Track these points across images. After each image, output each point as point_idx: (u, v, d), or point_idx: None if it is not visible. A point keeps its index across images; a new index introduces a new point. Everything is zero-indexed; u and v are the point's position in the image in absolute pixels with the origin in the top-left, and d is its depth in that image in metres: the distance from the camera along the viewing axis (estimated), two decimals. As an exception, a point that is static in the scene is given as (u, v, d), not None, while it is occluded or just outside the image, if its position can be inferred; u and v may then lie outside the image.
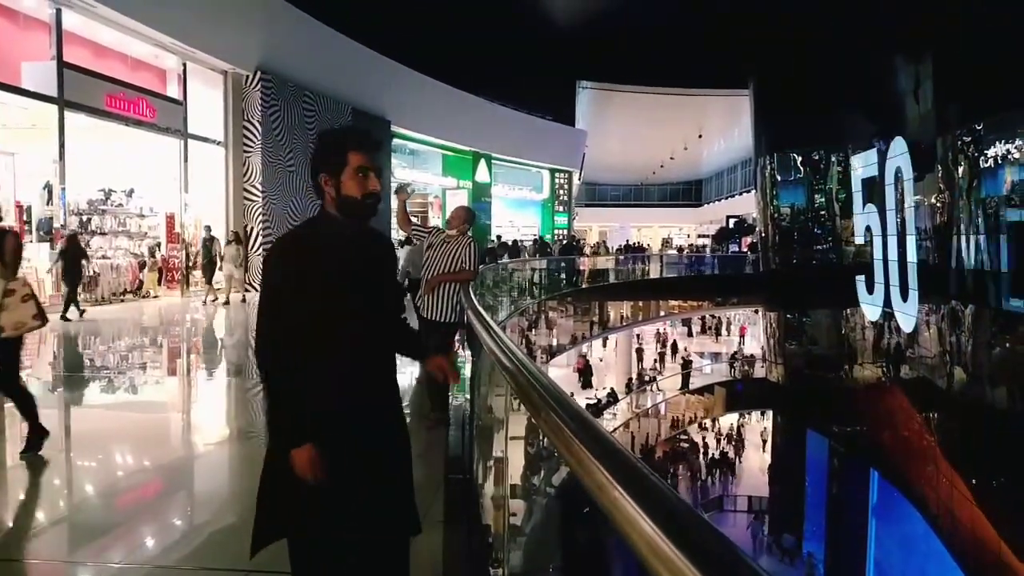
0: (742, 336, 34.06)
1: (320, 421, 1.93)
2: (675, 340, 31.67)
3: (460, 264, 5.22)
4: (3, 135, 10.44)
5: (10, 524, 3.63)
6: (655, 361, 29.73)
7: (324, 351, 1.95)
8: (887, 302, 14.18)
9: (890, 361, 14.15)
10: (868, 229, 15.03)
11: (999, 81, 10.18)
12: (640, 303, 26.86)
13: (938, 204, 11.60)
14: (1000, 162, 9.94)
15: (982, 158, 10.27)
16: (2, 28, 10.71)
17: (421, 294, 5.40)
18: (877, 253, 14.50)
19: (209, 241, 14.43)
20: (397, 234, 16.23)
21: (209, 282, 14.26)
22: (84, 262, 11.60)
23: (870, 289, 15.01)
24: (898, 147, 13.32)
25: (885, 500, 14.89)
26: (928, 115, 11.87)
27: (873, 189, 14.47)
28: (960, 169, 10.81)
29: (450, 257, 5.24)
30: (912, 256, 12.86)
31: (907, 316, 13.27)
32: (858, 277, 15.46)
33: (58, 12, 12.13)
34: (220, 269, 14.20)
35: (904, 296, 13.37)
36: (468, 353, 4.87)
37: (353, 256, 2.02)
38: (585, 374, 25.90)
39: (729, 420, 27.49)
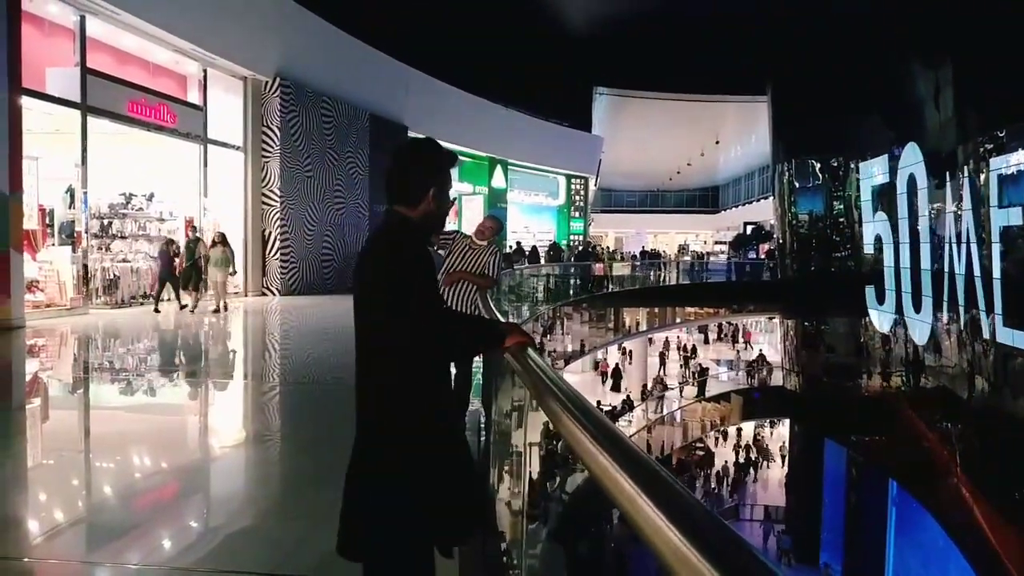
0: (747, 342, 33.81)
1: (449, 430, 2.03)
2: (694, 345, 31.58)
3: (483, 269, 5.31)
4: (27, 139, 10.59)
5: (29, 523, 3.67)
6: (680, 366, 29.59)
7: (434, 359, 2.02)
8: (899, 310, 14.04)
9: (909, 370, 13.99)
10: (879, 238, 14.92)
11: (1021, 87, 10.06)
12: (656, 310, 26.79)
13: (958, 212, 11.46)
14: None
15: (1004, 165, 10.14)
16: (27, 35, 10.86)
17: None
18: (888, 261, 14.37)
19: (193, 243, 13.18)
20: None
21: (196, 288, 13.11)
22: (177, 262, 13.37)
23: (880, 298, 14.88)
24: (912, 155, 13.20)
25: (904, 510, 14.71)
26: (948, 122, 11.74)
27: (889, 196, 14.33)
28: (981, 177, 10.68)
29: (474, 262, 5.32)
30: (927, 264, 12.72)
31: (921, 325, 13.12)
32: (868, 287, 15.35)
33: (82, 19, 12.31)
34: (205, 274, 13.15)
35: (917, 306, 13.22)
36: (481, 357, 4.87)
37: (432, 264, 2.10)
38: (615, 377, 26.09)
39: (748, 430, 27.31)
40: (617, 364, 27.44)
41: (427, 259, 1.98)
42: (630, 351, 28.19)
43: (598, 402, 22.46)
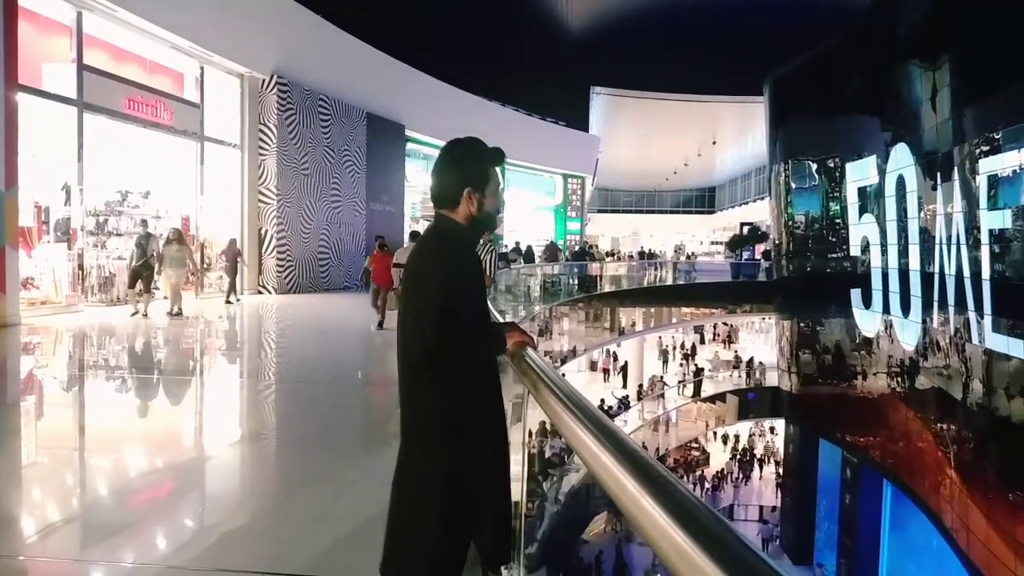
0: (724, 342, 33.69)
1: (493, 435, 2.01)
2: (694, 344, 31.66)
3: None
4: (23, 136, 10.55)
5: (24, 521, 3.66)
6: (680, 365, 29.60)
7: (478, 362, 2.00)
8: (887, 311, 14.09)
9: (904, 371, 14.02)
10: (865, 239, 15.00)
11: (1018, 89, 10.08)
12: (652, 310, 26.84)
13: (950, 214, 11.50)
14: (1019, 172, 9.83)
15: (1000, 167, 10.17)
16: (24, 31, 10.82)
17: None
18: (876, 263, 14.42)
19: (144, 239, 11.88)
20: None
21: (148, 290, 11.87)
22: (240, 260, 14.90)
23: (867, 301, 14.95)
24: (902, 156, 13.23)
25: (898, 511, 14.75)
26: (944, 123, 11.77)
27: (877, 198, 14.38)
28: (977, 178, 10.71)
29: None
30: (916, 266, 12.77)
31: (911, 326, 13.18)
32: (853, 289, 15.41)
33: (79, 15, 12.28)
34: (159, 274, 12.01)
35: (905, 309, 13.27)
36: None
37: (480, 269, 2.07)
38: (623, 372, 26.28)
39: (744, 436, 27.36)
40: (626, 360, 27.62)
41: (468, 264, 1.94)
42: (614, 353, 28.19)
43: (601, 401, 22.52)
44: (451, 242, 1.98)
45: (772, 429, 26.87)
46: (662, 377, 26.81)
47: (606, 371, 27.27)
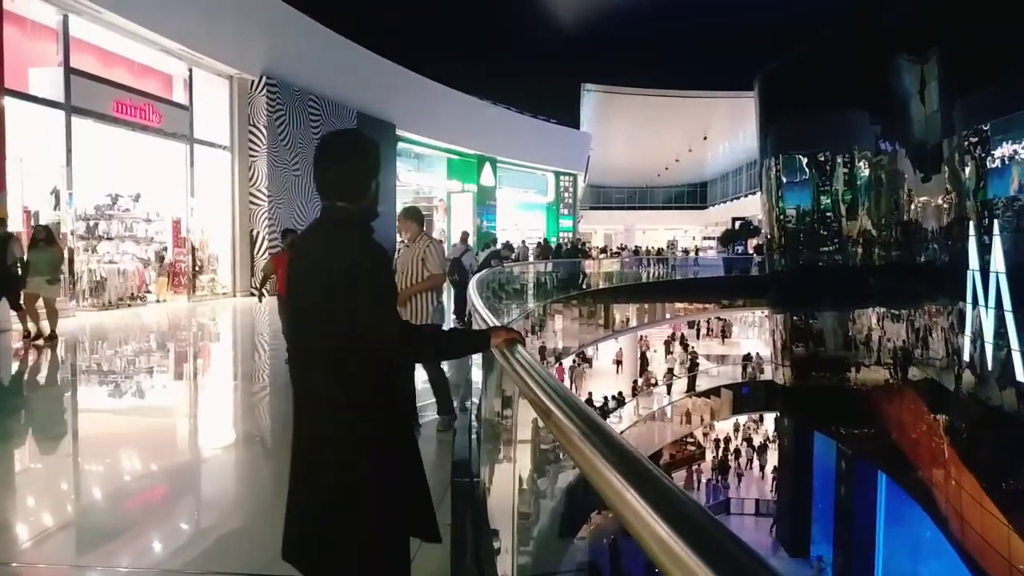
0: (721, 336, 33.72)
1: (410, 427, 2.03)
2: (683, 335, 31.78)
3: (426, 269, 4.81)
4: (10, 141, 10.47)
5: (18, 527, 3.64)
6: (680, 361, 29.71)
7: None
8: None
9: (897, 363, 14.09)
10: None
11: (1006, 82, 10.13)
12: (646, 305, 26.91)
13: (945, 205, 11.56)
14: (1007, 162, 9.88)
15: (988, 159, 10.22)
16: (10, 35, 10.74)
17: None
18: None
19: (4, 239, 8.55)
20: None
21: (16, 306, 8.87)
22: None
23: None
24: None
25: (893, 503, 14.82)
26: (933, 116, 11.82)
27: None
28: (967, 170, 10.76)
29: (413, 267, 4.80)
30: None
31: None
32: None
33: (65, 18, 12.19)
34: (25, 288, 8.72)
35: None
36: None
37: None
38: (642, 361, 26.54)
39: (740, 432, 27.41)
40: (644, 352, 27.91)
41: (388, 256, 1.96)
42: (591, 356, 28.27)
43: (589, 394, 22.54)
44: (369, 233, 1.97)
45: (777, 433, 26.94)
46: (669, 370, 26.91)
47: (619, 363, 27.57)
